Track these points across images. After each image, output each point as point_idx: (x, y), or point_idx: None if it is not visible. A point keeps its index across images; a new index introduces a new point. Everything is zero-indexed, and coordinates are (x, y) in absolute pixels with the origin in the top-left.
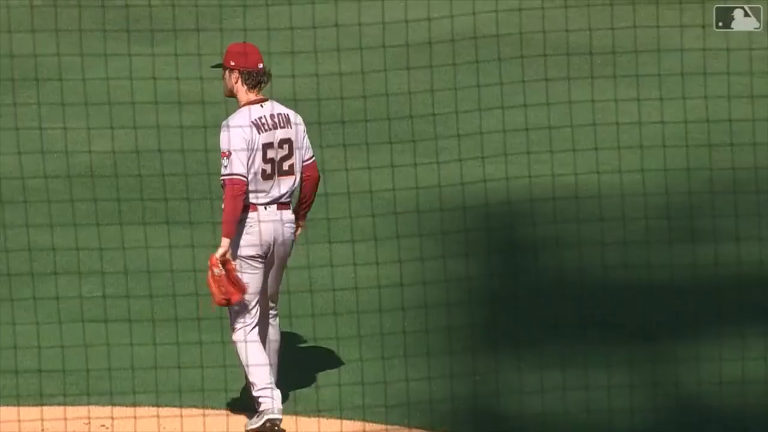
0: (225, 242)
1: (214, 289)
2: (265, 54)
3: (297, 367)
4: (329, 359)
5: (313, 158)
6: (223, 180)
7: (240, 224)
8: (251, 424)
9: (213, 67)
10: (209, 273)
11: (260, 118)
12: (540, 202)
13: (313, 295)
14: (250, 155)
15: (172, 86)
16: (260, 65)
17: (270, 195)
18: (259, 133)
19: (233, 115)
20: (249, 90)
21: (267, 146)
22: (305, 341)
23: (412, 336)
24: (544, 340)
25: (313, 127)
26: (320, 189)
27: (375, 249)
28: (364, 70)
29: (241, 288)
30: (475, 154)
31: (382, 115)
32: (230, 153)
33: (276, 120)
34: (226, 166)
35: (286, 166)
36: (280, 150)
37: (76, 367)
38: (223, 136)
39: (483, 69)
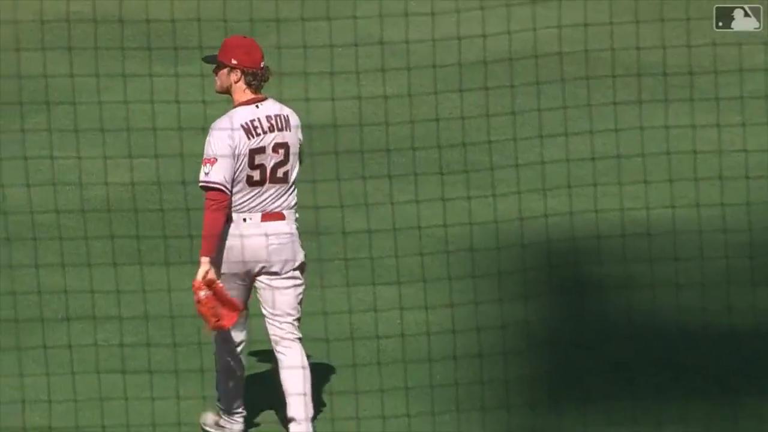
0: (204, 261)
1: (206, 313)
2: (302, 75)
3: (337, 421)
4: (373, 414)
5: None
6: (202, 187)
7: (223, 237)
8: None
9: (206, 60)
10: (195, 299)
11: (252, 121)
12: (608, 238)
13: (354, 343)
14: (237, 163)
15: (197, 110)
16: (263, 63)
17: (257, 204)
18: (248, 138)
19: (223, 117)
20: (248, 89)
21: (256, 151)
22: (346, 394)
23: (465, 388)
24: (612, 393)
25: (354, 155)
26: (362, 225)
27: (424, 292)
28: (411, 92)
29: (234, 307)
30: (535, 185)
31: (431, 143)
32: (215, 159)
33: (273, 122)
34: (207, 173)
35: (280, 173)
36: (274, 155)
37: (91, 423)
38: (209, 140)
39: (544, 91)
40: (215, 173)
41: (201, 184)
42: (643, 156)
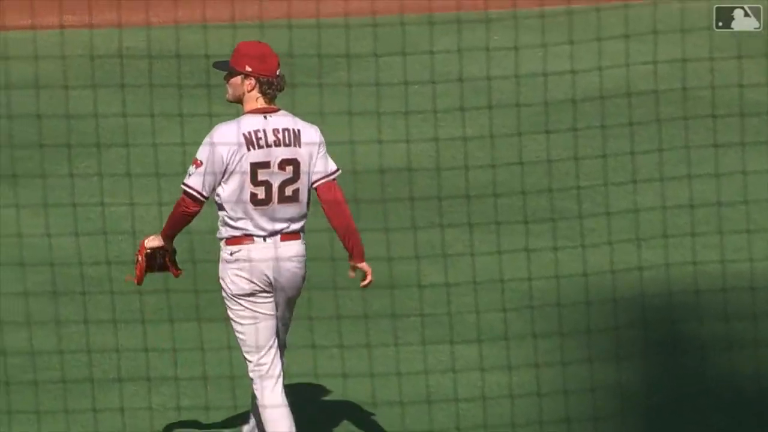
0: (159, 238)
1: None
2: (375, 114)
3: None
4: None
5: (329, 176)
6: (183, 188)
7: (228, 257)
8: None
9: (217, 67)
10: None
11: (257, 131)
12: (707, 293)
13: (431, 407)
14: (229, 175)
15: None
16: (278, 71)
17: (266, 225)
18: (248, 150)
19: (229, 121)
20: (260, 98)
21: (259, 166)
22: None
23: None
24: None
25: (431, 202)
26: (440, 277)
27: (506, 351)
28: (493, 133)
29: (141, 272)
30: (628, 235)
31: (515, 189)
32: (201, 163)
33: (281, 136)
34: (190, 175)
35: (289, 191)
36: (280, 172)
37: None
38: (204, 144)
39: (638, 132)
40: (196, 178)
41: (183, 185)
42: (747, 203)
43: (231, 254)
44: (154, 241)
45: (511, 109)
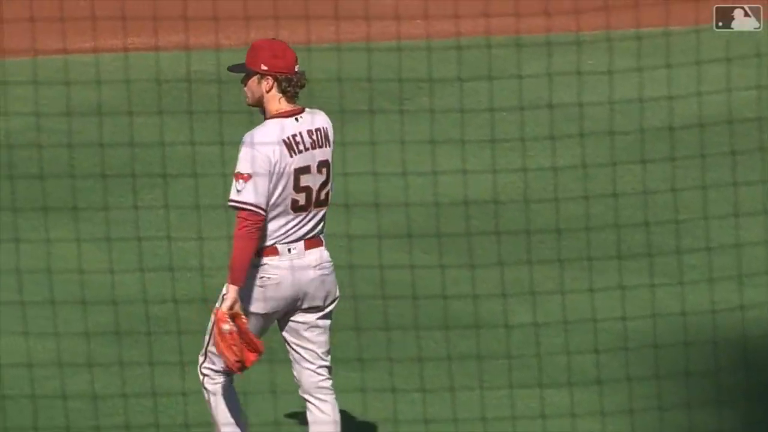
0: (233, 291)
1: (225, 350)
2: (459, 143)
3: None
4: None
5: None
6: (233, 207)
7: (252, 272)
8: None
9: (231, 70)
10: (215, 330)
11: (294, 136)
12: None
13: None
14: (275, 183)
15: (336, 184)
16: (297, 67)
17: (298, 232)
18: (291, 156)
19: (258, 128)
20: (284, 98)
21: (301, 171)
22: None
23: None
24: None
25: (519, 237)
26: (528, 317)
27: (599, 395)
28: (585, 163)
29: (255, 347)
30: (730, 272)
31: (608, 222)
32: (249, 176)
33: (315, 137)
34: (240, 191)
35: (323, 194)
36: (318, 176)
37: None
38: (245, 154)
39: (741, 162)
40: (249, 192)
41: (232, 203)
42: None
43: (255, 267)
44: (227, 300)
45: (605, 138)
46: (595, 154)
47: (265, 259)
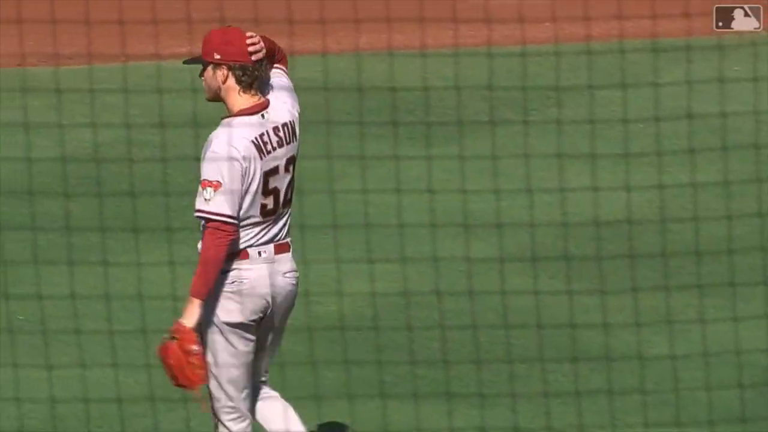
0: (197, 305)
1: (176, 369)
2: (589, 157)
3: None
4: None
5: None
6: (201, 217)
7: (222, 278)
8: None
9: (186, 62)
10: (174, 347)
11: (262, 136)
12: None
13: None
14: (245, 188)
15: (453, 203)
16: (256, 57)
17: (267, 235)
18: (261, 158)
19: (223, 128)
20: (243, 91)
21: (271, 174)
22: None
23: None
24: None
25: (654, 261)
26: (665, 348)
27: None
28: (728, 179)
29: (203, 373)
30: None
31: (754, 244)
32: (219, 183)
33: (282, 134)
34: (208, 200)
35: (289, 193)
36: (285, 174)
37: None
38: (212, 158)
39: None
40: (219, 201)
41: (200, 214)
42: None
43: (224, 273)
44: (193, 315)
45: (750, 151)
46: (739, 169)
47: (236, 264)
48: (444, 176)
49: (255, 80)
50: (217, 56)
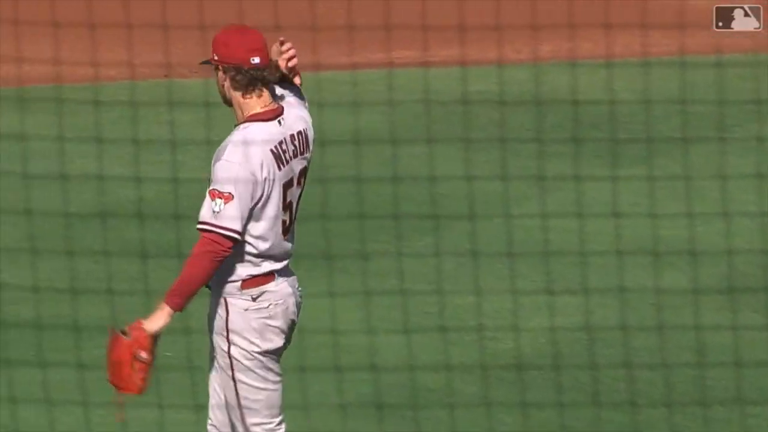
0: (167, 315)
1: (116, 366)
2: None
3: None
4: None
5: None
6: (206, 230)
7: (249, 303)
8: None
9: (200, 64)
10: (124, 344)
11: (281, 144)
12: None
13: None
14: (264, 203)
15: (642, 229)
16: (255, 59)
17: (287, 254)
18: (280, 168)
19: (239, 136)
20: (246, 95)
21: (287, 186)
22: None
23: None
24: None
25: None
26: None
27: None
28: None
29: (141, 383)
30: None
31: None
32: (231, 196)
33: (297, 143)
34: (216, 213)
35: (298, 208)
36: (297, 188)
37: None
38: (226, 168)
39: None
40: (228, 215)
41: (205, 227)
42: None
43: (254, 299)
44: (158, 322)
45: None
46: None
47: (264, 287)
48: (632, 199)
49: (253, 83)
50: (216, 57)
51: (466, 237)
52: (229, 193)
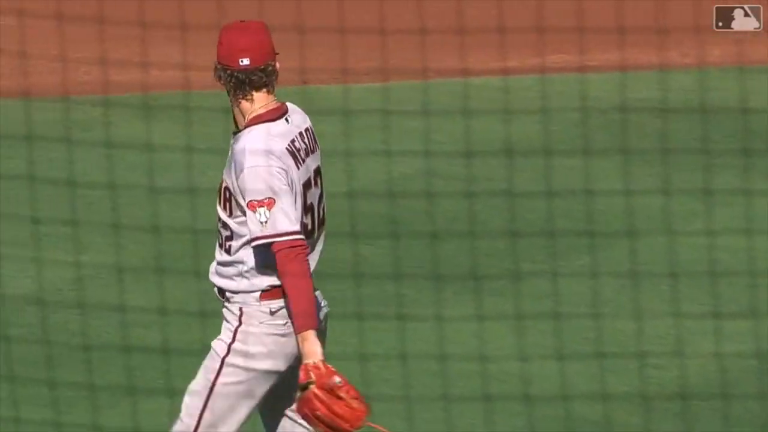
0: (312, 337)
1: (330, 417)
2: None
3: None
4: None
5: None
6: (265, 244)
7: (266, 317)
8: None
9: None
10: (315, 393)
11: (294, 142)
12: None
13: None
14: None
15: None
16: (244, 60)
17: (312, 263)
18: (297, 167)
19: (254, 138)
20: (242, 97)
21: (307, 186)
22: None
23: None
24: None
25: None
26: None
27: None
28: None
29: (361, 404)
30: None
31: None
32: (272, 200)
33: (307, 140)
34: (265, 222)
35: (321, 211)
36: (315, 189)
37: None
38: (251, 175)
39: None
40: (281, 219)
41: (262, 241)
42: None
43: (272, 313)
44: (314, 347)
45: None
46: None
47: (275, 303)
48: None
49: (241, 86)
50: (215, 58)
51: (626, 256)
52: (269, 198)
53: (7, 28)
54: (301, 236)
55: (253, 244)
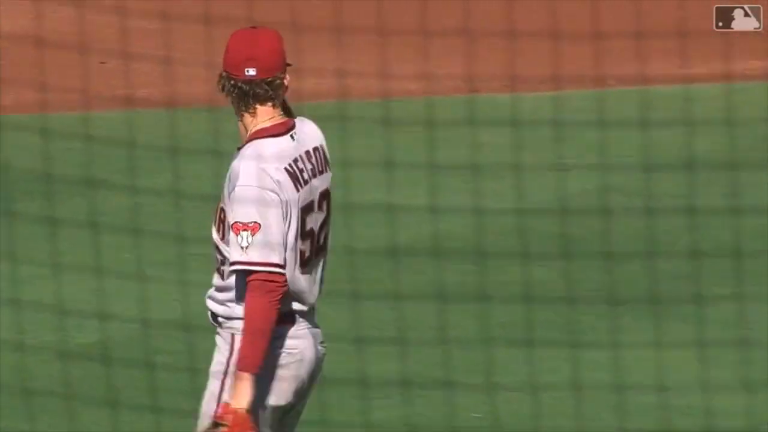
0: (248, 382)
1: None
2: None
3: None
4: None
5: None
6: (240, 270)
7: (271, 349)
8: None
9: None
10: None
11: (296, 162)
12: None
13: None
14: (286, 231)
15: None
16: (250, 70)
17: (310, 294)
18: (297, 190)
19: (251, 156)
20: (246, 109)
21: (306, 211)
22: None
23: None
24: None
25: None
26: None
27: None
28: None
29: None
30: None
31: None
32: (258, 225)
33: (315, 161)
34: (245, 248)
35: (322, 237)
36: (320, 213)
37: None
38: (241, 194)
39: None
40: (262, 247)
41: (238, 266)
42: None
43: (274, 339)
44: (245, 395)
45: None
46: None
47: (279, 329)
48: None
49: (244, 99)
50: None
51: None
52: (254, 222)
53: (151, 31)
54: (281, 270)
55: (230, 268)
